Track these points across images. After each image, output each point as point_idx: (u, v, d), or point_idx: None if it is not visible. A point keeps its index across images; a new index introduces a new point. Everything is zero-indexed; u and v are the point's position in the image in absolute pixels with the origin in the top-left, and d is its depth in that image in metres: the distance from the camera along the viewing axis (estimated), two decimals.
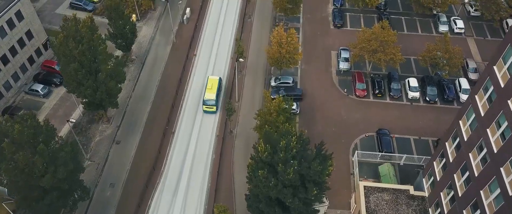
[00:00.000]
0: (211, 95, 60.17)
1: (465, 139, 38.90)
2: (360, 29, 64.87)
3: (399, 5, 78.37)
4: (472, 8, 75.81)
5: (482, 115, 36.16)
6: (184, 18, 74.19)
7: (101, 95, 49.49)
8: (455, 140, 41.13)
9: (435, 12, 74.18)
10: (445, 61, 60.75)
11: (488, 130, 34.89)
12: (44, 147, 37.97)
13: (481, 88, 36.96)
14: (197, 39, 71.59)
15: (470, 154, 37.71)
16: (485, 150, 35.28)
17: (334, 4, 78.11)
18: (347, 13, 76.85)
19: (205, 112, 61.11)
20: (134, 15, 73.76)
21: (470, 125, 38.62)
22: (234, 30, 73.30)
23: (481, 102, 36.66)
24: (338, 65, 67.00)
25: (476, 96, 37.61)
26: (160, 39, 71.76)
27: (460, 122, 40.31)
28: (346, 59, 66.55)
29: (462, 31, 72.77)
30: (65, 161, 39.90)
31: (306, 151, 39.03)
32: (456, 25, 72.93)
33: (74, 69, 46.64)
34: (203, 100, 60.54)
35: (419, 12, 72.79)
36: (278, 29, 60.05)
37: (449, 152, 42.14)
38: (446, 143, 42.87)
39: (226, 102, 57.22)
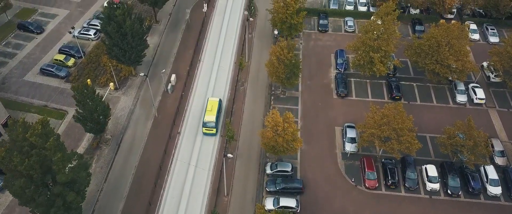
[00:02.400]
0: (211, 117, 58.65)
1: None
2: (367, 100, 56.69)
3: (410, 69, 69.99)
4: (492, 73, 67.61)
5: None
6: (169, 86, 65.63)
7: (58, 212, 40.39)
8: None
9: (450, 78, 65.94)
10: (468, 151, 52.00)
11: None
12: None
13: None
14: (183, 113, 62.90)
15: None
16: None
17: (336, 68, 69.84)
18: (352, 79, 68.41)
19: (204, 134, 58.98)
20: (111, 84, 65.35)
21: None
22: (224, 105, 64.58)
23: None
24: (344, 147, 58.21)
25: None
26: (140, 113, 62.97)
27: None
28: (353, 140, 57.79)
29: (483, 101, 64.36)
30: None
31: None
32: (475, 94, 64.48)
33: (20, 187, 37.72)
34: (203, 122, 59.03)
35: (434, 81, 64.53)
36: (273, 113, 51.43)
37: None
38: None
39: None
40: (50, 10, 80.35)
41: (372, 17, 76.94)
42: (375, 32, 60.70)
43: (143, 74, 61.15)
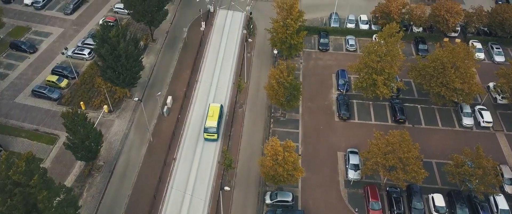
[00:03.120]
0: (212, 123, 58.80)
1: None
2: (371, 123, 54.43)
3: (414, 90, 67.80)
4: (499, 95, 65.45)
5: None
6: (165, 109, 63.36)
7: None
8: None
9: (456, 100, 63.72)
10: (477, 181, 49.61)
11: None
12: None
13: None
14: (178, 138, 60.60)
15: None
16: None
17: (338, 89, 67.67)
18: (354, 101, 66.16)
19: (206, 139, 59.10)
20: (105, 106, 63.10)
21: None
22: (222, 124, 62.24)
23: None
24: (347, 174, 55.79)
25: None
26: (135, 138, 60.57)
27: None
28: (356, 167, 55.38)
29: (490, 125, 62.08)
30: None
31: None
32: (482, 117, 62.21)
33: None
34: (205, 127, 59.06)
35: (439, 104, 62.34)
36: (273, 141, 49.06)
37: None
38: None
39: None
40: (44, 29, 78.35)
41: (374, 36, 76.06)
42: (378, 54, 58.67)
43: (137, 99, 58.90)
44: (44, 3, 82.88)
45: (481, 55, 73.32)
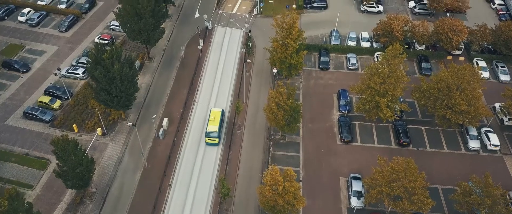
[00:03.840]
0: (214, 127, 59.52)
1: None
2: (374, 146, 52.19)
3: (417, 110, 65.79)
4: (506, 116, 63.43)
5: None
6: (160, 132, 61.27)
7: None
8: None
9: (461, 123, 61.59)
10: (486, 210, 47.34)
11: None
12: None
13: None
14: (174, 162, 58.37)
15: None
16: None
17: (340, 110, 65.69)
18: (356, 122, 64.06)
19: (207, 144, 59.86)
20: (99, 129, 60.99)
21: None
22: (220, 151, 59.98)
23: None
24: (350, 201, 53.53)
25: None
26: (129, 162, 58.32)
27: None
28: (360, 194, 53.13)
29: (498, 148, 59.98)
30: None
31: None
32: (489, 140, 60.13)
33: None
34: (206, 132, 59.68)
35: (444, 126, 60.34)
36: (272, 169, 46.83)
37: None
38: None
39: None
40: (38, 47, 76.46)
41: (376, 55, 74.31)
42: (381, 75, 56.77)
43: (131, 124, 56.70)
44: (39, 20, 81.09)
45: (486, 74, 71.46)
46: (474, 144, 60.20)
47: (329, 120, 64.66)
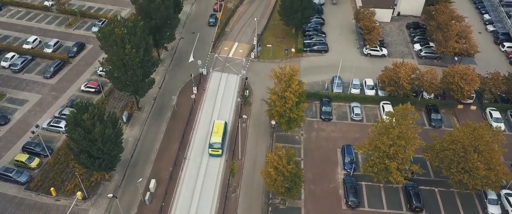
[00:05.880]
0: (217, 138, 60.91)
1: None
2: (383, 211, 46.46)
3: (430, 170, 60.17)
4: None
5: None
6: (147, 196, 55.34)
7: None
8: None
9: (480, 189, 55.58)
10: None
11: None
12: None
13: None
14: None
15: None
16: None
17: (344, 168, 60.13)
18: (363, 183, 58.30)
19: (211, 155, 60.86)
20: (79, 193, 55.18)
21: None
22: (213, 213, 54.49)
23: None
24: None
25: None
26: None
27: None
28: None
29: None
30: None
31: None
32: (510, 206, 54.47)
33: None
34: (209, 143, 61.00)
35: (461, 191, 54.68)
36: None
37: None
38: None
39: None
40: (20, 95, 71.32)
41: (381, 104, 69.40)
42: (390, 137, 51.51)
43: (111, 195, 50.81)
44: (23, 65, 76.48)
45: (501, 126, 66.32)
46: (494, 210, 54.33)
47: (334, 180, 58.90)
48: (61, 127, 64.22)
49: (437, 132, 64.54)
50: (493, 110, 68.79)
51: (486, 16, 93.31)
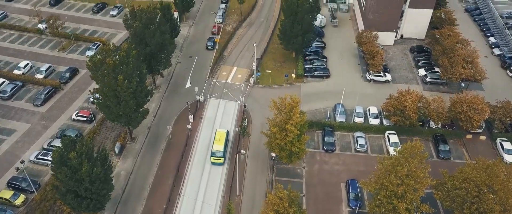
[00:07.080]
0: (219, 147, 61.44)
1: None
2: None
3: (440, 209, 56.45)
4: None
5: None
6: None
7: None
8: None
9: None
10: None
11: None
12: None
13: None
14: None
15: None
16: None
17: (349, 206, 56.61)
18: None
19: (213, 163, 61.41)
20: None
21: None
22: None
23: None
24: None
25: None
26: None
27: None
28: None
29: None
30: None
31: None
32: None
33: None
34: (212, 152, 61.53)
35: None
36: None
37: None
38: None
39: None
40: (8, 124, 68.13)
41: (386, 133, 66.26)
42: (398, 176, 48.19)
43: None
44: (12, 92, 73.58)
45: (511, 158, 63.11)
46: None
47: None
48: (50, 160, 60.66)
49: (446, 164, 61.34)
50: (504, 140, 65.57)
51: (492, 39, 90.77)
